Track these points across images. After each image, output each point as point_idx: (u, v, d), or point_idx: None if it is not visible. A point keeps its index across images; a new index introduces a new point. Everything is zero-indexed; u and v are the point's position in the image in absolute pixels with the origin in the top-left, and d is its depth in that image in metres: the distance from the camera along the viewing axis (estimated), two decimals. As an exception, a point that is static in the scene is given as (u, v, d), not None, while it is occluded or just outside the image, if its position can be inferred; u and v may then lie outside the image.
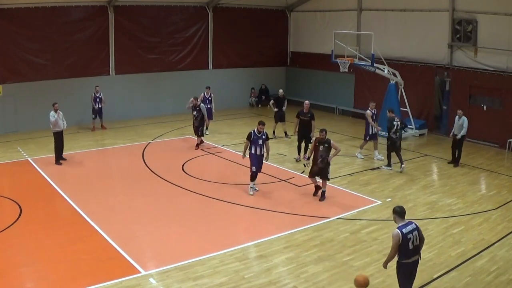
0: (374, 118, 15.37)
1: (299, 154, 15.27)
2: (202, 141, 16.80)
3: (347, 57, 18.46)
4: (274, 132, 18.31)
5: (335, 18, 23.00)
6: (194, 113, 16.37)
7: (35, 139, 17.43)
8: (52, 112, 14.31)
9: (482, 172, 14.64)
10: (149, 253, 9.23)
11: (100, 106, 19.00)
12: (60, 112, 14.48)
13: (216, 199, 11.86)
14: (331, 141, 11.59)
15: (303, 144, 15.14)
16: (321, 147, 11.58)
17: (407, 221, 6.83)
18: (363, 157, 15.51)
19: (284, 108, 18.21)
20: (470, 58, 18.16)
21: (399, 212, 6.82)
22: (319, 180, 11.99)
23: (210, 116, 18.26)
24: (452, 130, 15.10)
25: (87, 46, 19.92)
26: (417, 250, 6.79)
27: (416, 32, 19.77)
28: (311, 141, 14.02)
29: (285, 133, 18.29)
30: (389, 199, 12.04)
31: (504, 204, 11.87)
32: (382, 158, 15.24)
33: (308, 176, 12.12)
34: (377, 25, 20.47)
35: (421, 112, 19.76)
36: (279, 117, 18.20)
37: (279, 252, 9.18)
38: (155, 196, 12.16)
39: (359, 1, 22.01)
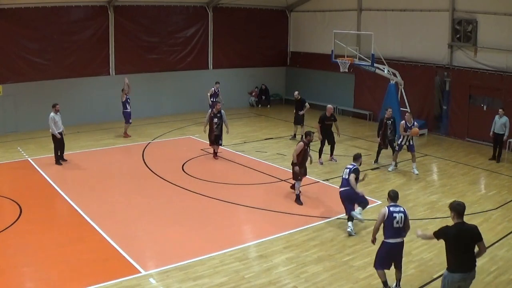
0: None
1: (320, 157, 15.04)
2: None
3: (347, 57, 18.45)
4: (295, 135, 17.97)
5: (335, 18, 23.00)
6: (215, 120, 14.98)
7: (35, 139, 17.43)
8: (52, 114, 14.24)
9: (482, 172, 14.64)
10: (149, 253, 9.23)
11: (130, 110, 18.18)
12: (59, 113, 14.42)
13: (216, 199, 11.86)
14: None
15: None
16: (308, 149, 11.83)
17: (397, 205, 7.69)
18: (417, 172, 14.39)
19: (301, 112, 17.42)
20: (470, 58, 18.17)
21: (392, 196, 7.75)
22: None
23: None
24: (491, 129, 15.34)
25: (87, 46, 19.92)
26: (400, 232, 7.51)
27: (416, 32, 19.77)
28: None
29: (301, 136, 17.77)
30: (389, 199, 12.03)
31: (504, 204, 11.87)
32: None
33: (303, 177, 12.06)
34: (377, 25, 20.48)
35: (421, 112, 19.75)
36: (295, 120, 17.78)
37: (279, 252, 9.18)
38: (155, 196, 12.16)
39: (359, 1, 22.01)
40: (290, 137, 18.19)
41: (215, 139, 15.20)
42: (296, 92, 18.15)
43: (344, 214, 11.00)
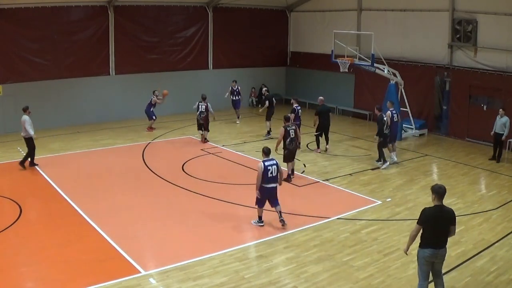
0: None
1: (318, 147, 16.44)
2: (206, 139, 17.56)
3: (347, 57, 18.45)
4: (268, 131, 18.70)
5: (335, 18, 22.99)
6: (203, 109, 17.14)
7: (35, 139, 17.37)
8: (27, 117, 13.91)
9: (482, 172, 14.64)
10: (149, 253, 9.23)
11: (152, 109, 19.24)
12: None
13: (216, 199, 11.86)
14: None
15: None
16: (291, 132, 13.21)
17: (271, 158, 10.03)
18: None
19: (262, 107, 18.99)
20: (470, 58, 18.16)
21: (265, 152, 10.08)
22: None
23: (238, 106, 21.36)
24: (493, 129, 15.40)
25: (87, 46, 19.92)
26: (274, 180, 10.00)
27: (416, 32, 19.77)
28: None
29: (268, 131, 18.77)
30: (389, 199, 12.05)
31: (504, 204, 11.87)
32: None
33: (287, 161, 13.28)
34: (377, 25, 20.47)
35: (421, 112, 19.76)
36: (266, 116, 18.91)
37: (279, 252, 9.18)
38: (155, 196, 12.16)
39: (359, 1, 22.01)
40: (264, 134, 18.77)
41: (204, 127, 17.36)
42: (264, 89, 19.72)
43: (344, 214, 11.04)
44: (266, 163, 9.91)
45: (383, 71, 18.24)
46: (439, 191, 6.93)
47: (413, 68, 19.86)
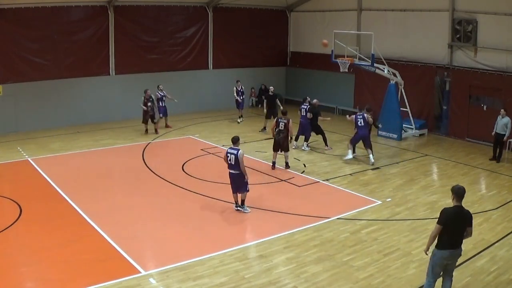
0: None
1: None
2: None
3: (347, 57, 18.44)
4: (264, 127, 19.28)
5: (335, 18, 22.99)
6: (149, 103, 18.59)
7: (35, 139, 17.43)
8: None
9: (482, 172, 14.64)
10: (149, 253, 9.23)
11: (164, 105, 19.45)
12: None
13: (216, 199, 11.86)
14: None
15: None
16: (281, 124, 14.26)
17: (235, 147, 10.70)
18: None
19: (274, 109, 19.08)
20: (470, 58, 18.16)
21: (232, 141, 10.79)
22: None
23: (242, 105, 21.25)
24: (494, 129, 15.41)
25: (87, 46, 19.91)
26: (232, 167, 10.71)
27: (416, 32, 19.76)
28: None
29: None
30: (389, 199, 12.05)
31: (504, 204, 11.87)
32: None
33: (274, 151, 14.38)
34: (377, 25, 20.46)
35: (421, 112, 19.76)
36: (267, 114, 19.27)
37: (279, 252, 9.18)
38: (155, 196, 12.16)
39: (359, 1, 22.01)
40: (260, 130, 19.37)
41: (152, 118, 18.81)
42: (272, 88, 20.07)
43: (344, 214, 11.05)
44: (228, 151, 10.82)
45: (383, 71, 18.24)
46: (458, 192, 7.03)
47: (413, 68, 19.86)
